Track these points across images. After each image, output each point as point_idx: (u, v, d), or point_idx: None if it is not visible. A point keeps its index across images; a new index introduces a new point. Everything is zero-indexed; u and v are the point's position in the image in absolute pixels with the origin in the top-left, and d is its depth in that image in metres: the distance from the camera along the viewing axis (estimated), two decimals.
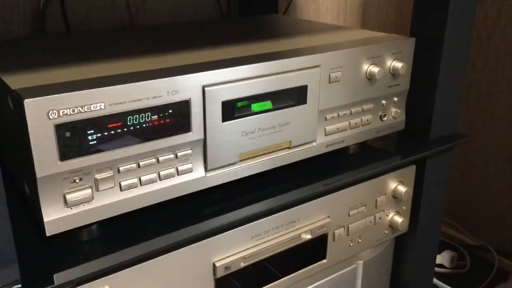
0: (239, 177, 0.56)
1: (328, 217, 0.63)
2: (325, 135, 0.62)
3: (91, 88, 0.44)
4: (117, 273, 0.48)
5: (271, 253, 0.59)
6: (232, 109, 0.53)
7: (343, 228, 0.65)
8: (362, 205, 0.66)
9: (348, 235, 0.66)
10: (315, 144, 0.62)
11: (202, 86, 0.50)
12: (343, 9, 1.28)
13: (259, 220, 0.57)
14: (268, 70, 0.55)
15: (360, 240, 0.68)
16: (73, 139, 0.44)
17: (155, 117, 0.48)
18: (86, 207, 0.47)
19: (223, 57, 0.56)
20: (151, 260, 0.50)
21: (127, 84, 0.46)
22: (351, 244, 0.67)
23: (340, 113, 0.63)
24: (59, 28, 0.84)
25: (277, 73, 0.55)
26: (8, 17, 0.79)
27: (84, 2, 0.85)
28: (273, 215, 0.58)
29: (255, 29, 0.77)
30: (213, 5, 1.01)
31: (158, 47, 0.63)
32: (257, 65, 0.54)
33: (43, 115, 0.42)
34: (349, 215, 0.65)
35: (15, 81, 0.46)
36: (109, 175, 0.47)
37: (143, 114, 0.47)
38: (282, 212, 0.59)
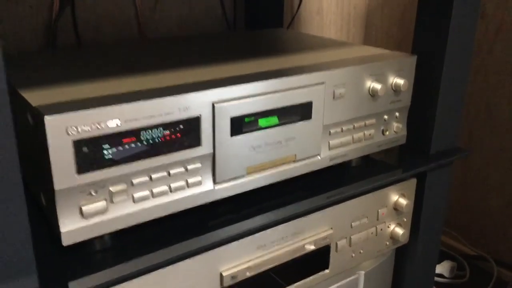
0: (246, 189, 0.58)
1: (331, 228, 0.65)
2: (329, 149, 0.65)
3: (108, 106, 0.46)
4: (128, 282, 0.50)
5: (276, 263, 0.61)
6: (240, 125, 0.55)
7: (345, 239, 0.67)
8: (364, 217, 0.69)
9: (350, 246, 0.68)
10: (319, 157, 0.64)
11: (212, 103, 0.53)
12: (346, 21, 1.30)
13: (265, 231, 0.59)
14: (275, 87, 0.57)
15: (362, 251, 0.70)
16: (90, 153, 0.46)
17: (167, 132, 0.50)
18: (101, 218, 0.49)
19: (231, 73, 0.59)
20: (160, 270, 0.52)
21: (141, 102, 0.48)
22: (353, 255, 0.69)
23: (343, 128, 0.65)
24: (70, 39, 0.86)
25: (284, 90, 0.57)
26: (20, 30, 0.81)
27: (95, 13, 0.88)
28: (278, 226, 0.60)
29: (261, 45, 0.79)
30: (219, 17, 1.03)
31: (168, 62, 0.65)
32: (264, 82, 0.56)
33: (63, 131, 0.44)
34: (351, 227, 0.67)
35: (34, 97, 0.49)
36: (123, 188, 0.49)
37: (156, 130, 0.49)
38: (287, 223, 0.61)
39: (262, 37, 0.85)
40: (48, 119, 0.43)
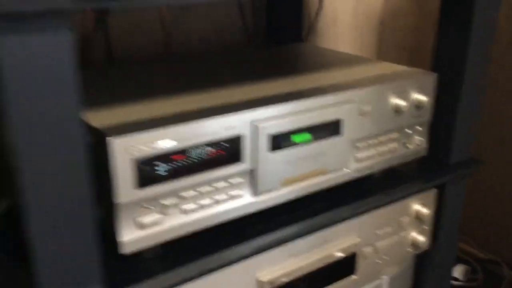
0: (282, 201, 0.63)
1: (358, 236, 0.70)
2: (356, 162, 0.69)
3: (163, 127, 0.51)
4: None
5: (308, 270, 0.65)
6: (277, 141, 0.60)
7: (371, 247, 0.71)
8: (387, 226, 0.73)
9: (375, 253, 0.72)
10: (347, 170, 0.68)
11: (252, 122, 0.57)
12: (360, 32, 1.34)
13: (297, 240, 0.64)
14: (308, 106, 0.61)
15: (386, 257, 0.74)
16: (146, 171, 0.51)
17: (213, 150, 0.55)
18: (155, 229, 0.53)
19: (266, 92, 0.63)
20: (203, 277, 0.56)
21: (192, 123, 0.52)
22: (378, 261, 0.73)
23: (369, 142, 0.69)
24: (99, 55, 0.90)
25: (316, 109, 0.62)
26: None
27: (121, 28, 0.91)
28: (308, 236, 0.65)
29: (287, 61, 0.84)
30: (240, 31, 1.07)
31: (205, 80, 0.69)
32: (298, 102, 0.61)
33: (123, 151, 0.49)
34: (376, 235, 0.72)
35: (91, 117, 0.53)
36: (174, 201, 0.54)
37: (203, 148, 0.54)
38: (317, 232, 0.65)
39: (287, 53, 0.90)
40: (111, 141, 0.48)
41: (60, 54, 0.40)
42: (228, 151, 0.56)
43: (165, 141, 0.51)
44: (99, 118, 0.53)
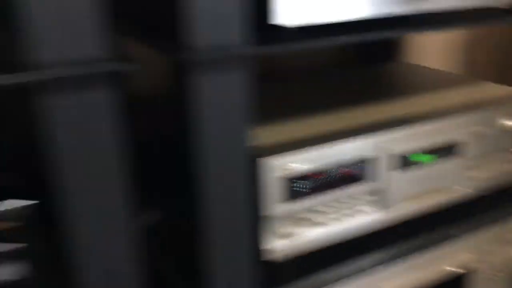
0: (404, 218, 0.67)
1: (472, 253, 0.72)
2: (471, 181, 0.72)
3: (305, 149, 0.57)
4: None
5: (425, 284, 0.69)
6: (400, 162, 0.64)
7: (485, 263, 0.74)
8: (501, 243, 0.75)
9: (489, 269, 0.75)
10: (462, 189, 0.71)
11: (378, 144, 0.62)
12: (449, 48, 1.36)
13: (415, 255, 0.68)
14: (429, 129, 0.66)
15: (500, 274, 0.76)
16: (291, 187, 0.57)
17: (345, 169, 0.60)
18: (294, 240, 0.59)
19: (385, 114, 0.68)
20: (331, 285, 0.62)
21: (329, 145, 0.58)
22: (492, 277, 0.75)
23: (481, 162, 0.72)
24: None
25: (436, 131, 0.66)
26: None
27: None
28: (426, 251, 0.69)
29: (394, 82, 0.88)
30: (332, 51, 1.11)
31: (323, 102, 0.74)
32: (420, 125, 0.65)
33: (272, 170, 0.55)
34: (490, 252, 0.74)
35: None
36: (311, 215, 0.60)
37: (337, 168, 0.60)
38: (434, 248, 0.69)
39: (389, 73, 0.94)
40: (263, 161, 0.55)
41: (240, 89, 0.47)
42: (357, 171, 0.61)
43: (306, 161, 0.57)
44: None
